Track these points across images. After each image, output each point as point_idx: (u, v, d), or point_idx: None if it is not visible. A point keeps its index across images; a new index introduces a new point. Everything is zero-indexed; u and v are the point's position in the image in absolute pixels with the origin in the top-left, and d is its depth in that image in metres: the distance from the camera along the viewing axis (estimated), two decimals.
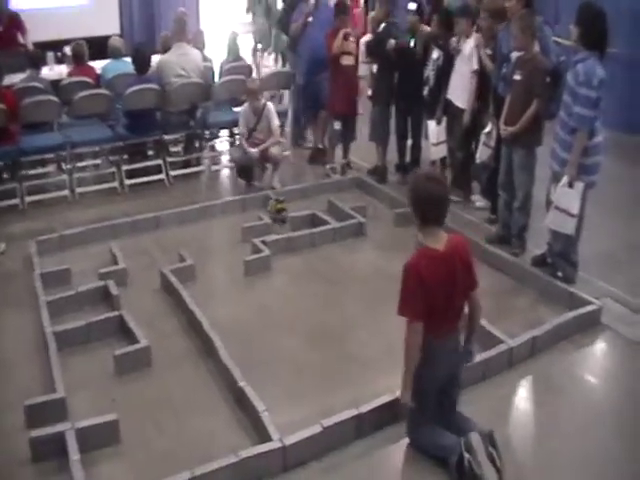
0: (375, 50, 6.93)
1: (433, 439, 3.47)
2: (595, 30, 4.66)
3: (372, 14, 7.73)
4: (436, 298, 3.25)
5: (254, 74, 8.58)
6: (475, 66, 6.04)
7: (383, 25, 6.97)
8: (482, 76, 6.02)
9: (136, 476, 3.40)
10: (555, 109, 5.13)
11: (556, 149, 4.91)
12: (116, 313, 4.61)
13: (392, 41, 6.69)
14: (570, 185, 4.74)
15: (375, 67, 7.12)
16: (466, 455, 3.21)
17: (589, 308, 4.64)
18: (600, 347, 4.55)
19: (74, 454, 3.34)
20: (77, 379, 4.06)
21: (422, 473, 3.44)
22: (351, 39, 7.07)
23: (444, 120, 6.54)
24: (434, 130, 6.62)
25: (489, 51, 5.89)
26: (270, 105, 6.99)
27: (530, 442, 3.66)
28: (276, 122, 6.95)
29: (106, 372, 4.15)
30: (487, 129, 5.85)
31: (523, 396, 4.17)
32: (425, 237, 3.31)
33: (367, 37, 7.36)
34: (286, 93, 8.22)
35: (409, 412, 3.51)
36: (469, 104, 6.16)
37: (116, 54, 7.87)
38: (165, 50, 7.69)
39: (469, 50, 6.08)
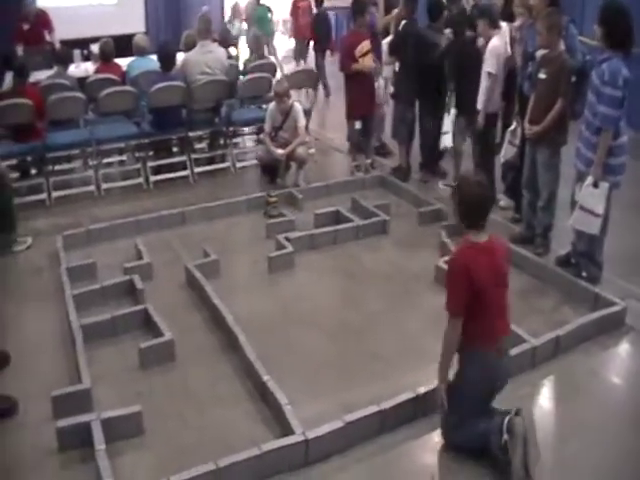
0: (402, 42, 6.89)
1: (469, 432, 3.42)
2: (619, 29, 4.61)
3: (393, 13, 7.67)
4: (484, 292, 3.25)
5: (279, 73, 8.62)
6: (488, 68, 5.97)
7: (404, 22, 6.96)
8: (510, 76, 5.98)
9: (160, 467, 3.43)
10: (580, 109, 5.09)
11: (581, 149, 4.87)
12: (141, 307, 4.65)
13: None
14: (595, 185, 4.71)
15: (397, 66, 7.12)
16: (505, 436, 3.21)
17: (613, 309, 4.60)
18: (624, 348, 4.51)
19: (99, 444, 3.38)
20: (102, 371, 4.11)
21: (444, 468, 3.45)
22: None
23: (453, 111, 6.68)
24: (446, 119, 6.88)
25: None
26: (297, 105, 7.00)
27: (552, 441, 3.62)
28: (302, 122, 6.98)
29: (131, 364, 4.20)
30: (512, 127, 5.83)
31: (546, 396, 4.15)
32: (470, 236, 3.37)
33: (388, 38, 7.36)
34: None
35: (446, 415, 3.47)
36: (483, 105, 6.08)
37: (141, 52, 7.92)
38: (188, 49, 7.74)
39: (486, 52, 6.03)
